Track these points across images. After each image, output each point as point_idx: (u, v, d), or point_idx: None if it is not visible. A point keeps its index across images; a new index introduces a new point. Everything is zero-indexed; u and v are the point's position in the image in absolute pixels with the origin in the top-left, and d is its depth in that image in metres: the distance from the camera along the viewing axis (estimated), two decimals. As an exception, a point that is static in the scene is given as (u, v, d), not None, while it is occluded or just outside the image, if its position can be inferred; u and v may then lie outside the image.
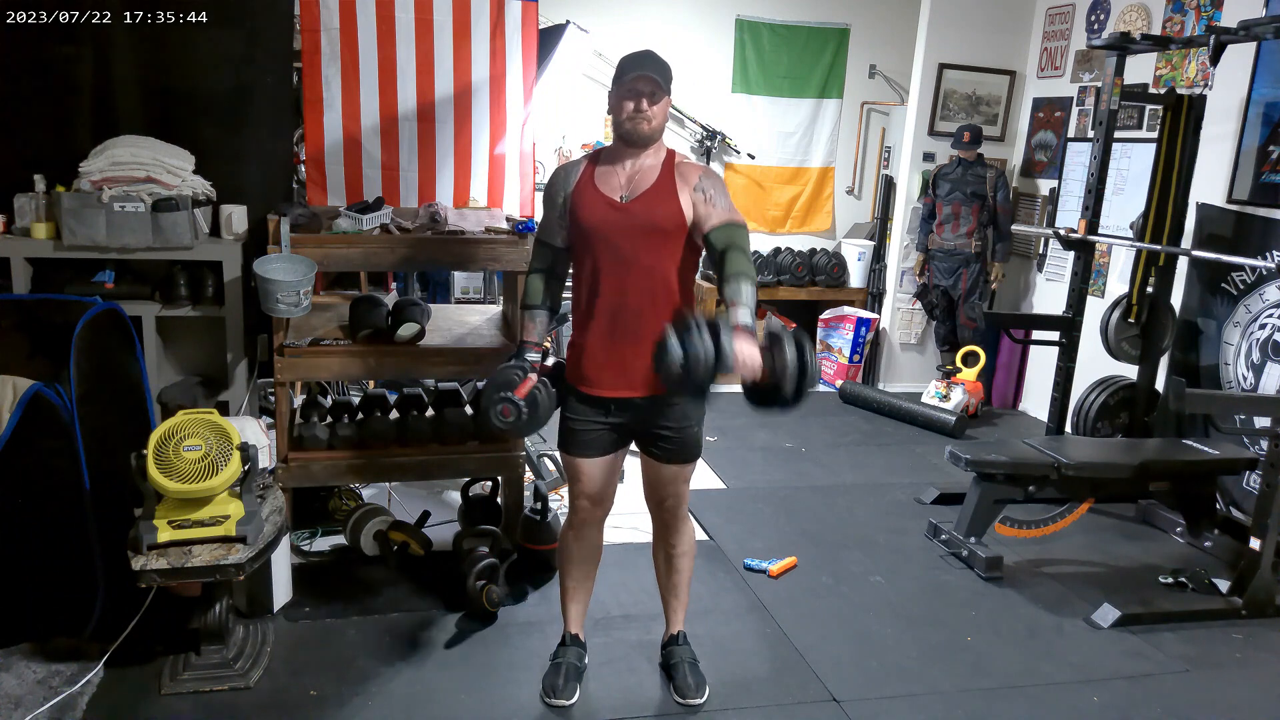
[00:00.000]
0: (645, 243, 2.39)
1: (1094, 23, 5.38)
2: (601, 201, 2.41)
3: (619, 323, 2.42)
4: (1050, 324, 4.72)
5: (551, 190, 2.51)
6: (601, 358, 2.45)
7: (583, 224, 2.42)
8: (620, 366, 2.44)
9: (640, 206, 2.39)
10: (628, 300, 2.40)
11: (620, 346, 2.43)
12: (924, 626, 3.19)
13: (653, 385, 2.40)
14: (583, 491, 2.58)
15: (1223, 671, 3.03)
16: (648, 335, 2.33)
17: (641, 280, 2.40)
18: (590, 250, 2.44)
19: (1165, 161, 4.23)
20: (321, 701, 2.60)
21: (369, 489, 3.93)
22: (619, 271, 2.40)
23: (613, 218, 2.39)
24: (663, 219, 2.39)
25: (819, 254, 6.54)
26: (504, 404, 2.38)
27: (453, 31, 3.77)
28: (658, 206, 2.39)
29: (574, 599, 2.74)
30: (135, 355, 3.12)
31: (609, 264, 2.41)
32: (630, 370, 2.43)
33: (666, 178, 2.41)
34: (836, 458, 4.90)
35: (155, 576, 2.46)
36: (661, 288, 2.43)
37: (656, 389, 2.41)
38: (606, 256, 2.41)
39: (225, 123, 3.56)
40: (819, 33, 6.44)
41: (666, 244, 2.41)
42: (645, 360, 2.26)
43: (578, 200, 2.44)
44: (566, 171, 2.50)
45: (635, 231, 2.39)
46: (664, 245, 2.41)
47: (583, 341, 2.49)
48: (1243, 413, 4.06)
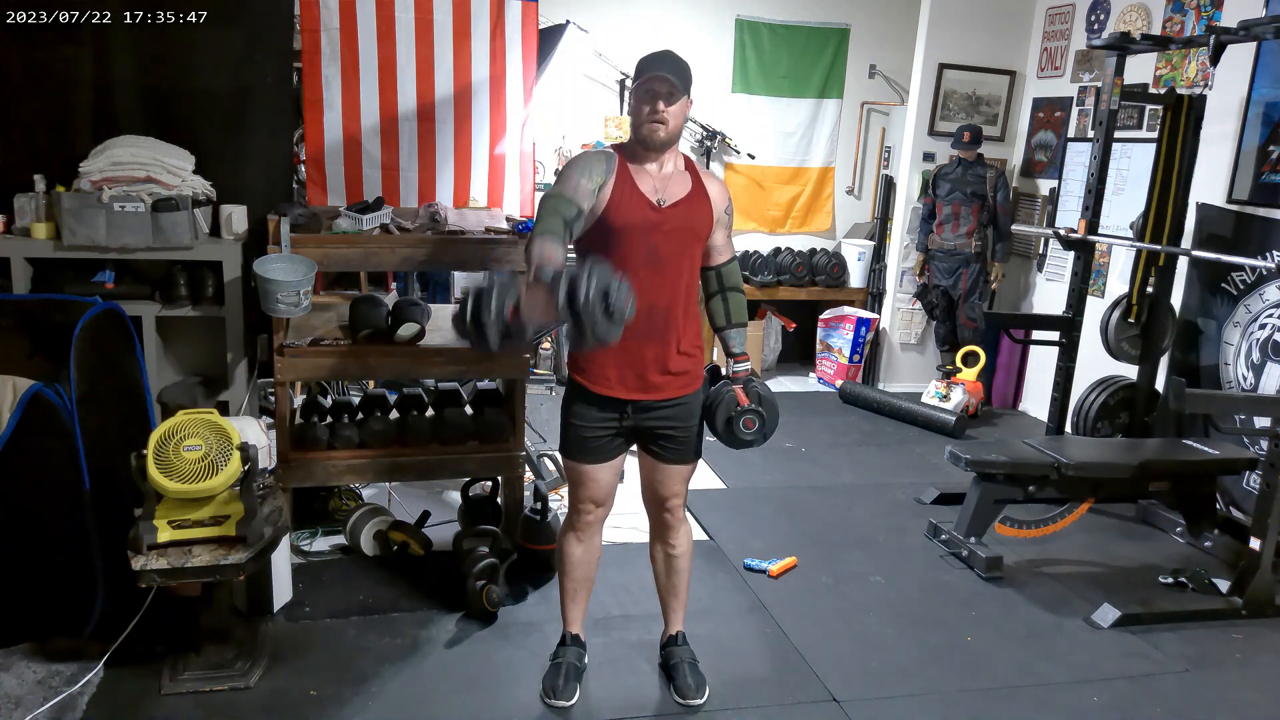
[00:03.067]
0: (681, 247, 2.43)
1: (1094, 23, 5.38)
2: (642, 202, 2.39)
3: (645, 323, 2.38)
4: (1050, 324, 4.72)
5: (590, 165, 2.37)
6: (622, 358, 2.43)
7: (621, 221, 2.37)
8: (638, 368, 2.44)
9: (680, 212, 2.41)
10: (656, 301, 2.40)
11: (643, 347, 2.42)
12: (924, 626, 3.19)
13: (666, 389, 2.44)
14: (590, 496, 2.57)
15: (1223, 671, 3.03)
16: (667, 337, 2.43)
17: (671, 282, 2.42)
18: (620, 249, 2.38)
19: (1165, 161, 4.23)
20: (321, 701, 2.60)
21: (369, 489, 3.93)
22: (651, 273, 2.39)
23: (653, 219, 2.39)
24: (700, 228, 2.46)
25: (819, 254, 6.54)
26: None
27: (453, 31, 3.77)
28: (696, 214, 2.44)
29: (574, 599, 2.74)
30: (135, 355, 3.11)
31: (641, 264, 2.37)
32: (647, 372, 2.44)
33: (698, 188, 2.46)
34: (836, 458, 4.90)
35: (155, 576, 2.46)
36: (685, 290, 2.47)
37: (669, 392, 2.45)
38: (640, 257, 2.38)
39: (225, 123, 3.56)
40: (819, 33, 6.44)
41: (696, 249, 2.49)
42: (662, 363, 2.41)
43: (619, 195, 2.38)
44: (606, 159, 2.41)
45: (674, 235, 2.41)
46: (695, 250, 2.49)
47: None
48: (1243, 413, 4.06)
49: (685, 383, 2.50)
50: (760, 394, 2.59)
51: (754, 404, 2.56)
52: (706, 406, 2.61)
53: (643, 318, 2.38)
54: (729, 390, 2.58)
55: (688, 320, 2.48)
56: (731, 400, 2.56)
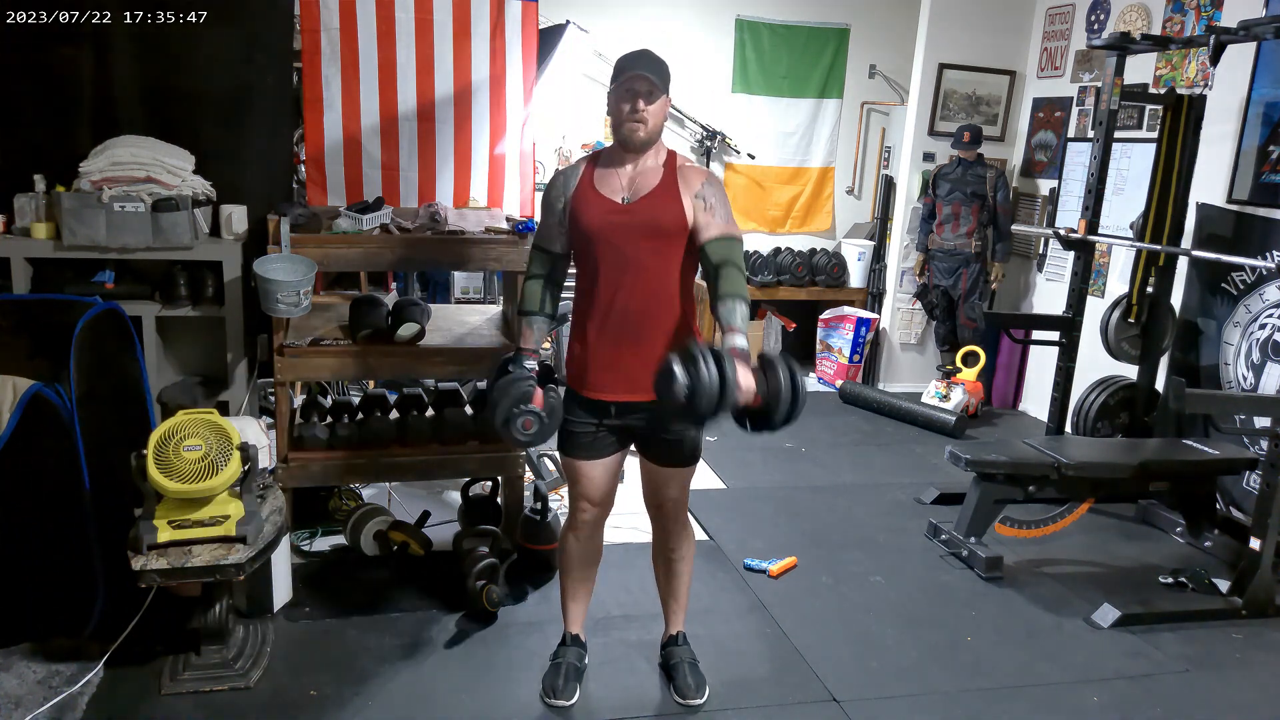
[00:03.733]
0: (647, 245, 2.38)
1: (1094, 23, 5.38)
2: (603, 204, 2.39)
3: (621, 326, 2.40)
4: (1050, 324, 4.72)
5: (550, 196, 2.48)
6: (603, 361, 2.44)
7: (584, 227, 2.40)
8: (622, 370, 2.43)
9: (643, 208, 2.37)
10: (630, 303, 2.39)
11: (621, 350, 2.42)
12: (924, 626, 3.19)
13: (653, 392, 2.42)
14: (583, 494, 2.58)
15: (1223, 671, 3.03)
16: (649, 338, 2.38)
17: (643, 283, 2.39)
18: (591, 253, 2.42)
19: (1165, 161, 4.23)
20: (321, 701, 2.60)
21: (369, 489, 3.93)
22: (621, 274, 2.39)
23: (614, 220, 2.38)
24: (665, 221, 2.37)
25: (819, 254, 6.54)
26: (525, 417, 2.37)
27: (453, 31, 3.77)
28: (660, 208, 2.37)
29: (574, 599, 2.74)
30: (135, 355, 3.12)
31: (610, 267, 2.39)
32: (631, 374, 2.41)
33: (669, 180, 2.39)
34: (836, 458, 4.90)
35: (155, 576, 2.46)
36: (663, 290, 2.42)
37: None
38: (608, 259, 2.39)
39: (225, 123, 3.56)
40: (819, 33, 6.44)
41: (668, 246, 2.40)
42: (647, 364, 2.26)
43: (578, 204, 2.42)
44: (565, 176, 2.48)
45: (637, 233, 2.37)
46: (666, 247, 2.40)
47: (583, 345, 2.47)
48: (1243, 413, 4.06)
49: None
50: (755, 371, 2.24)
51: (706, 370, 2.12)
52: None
53: (616, 320, 2.39)
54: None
55: (671, 318, 2.44)
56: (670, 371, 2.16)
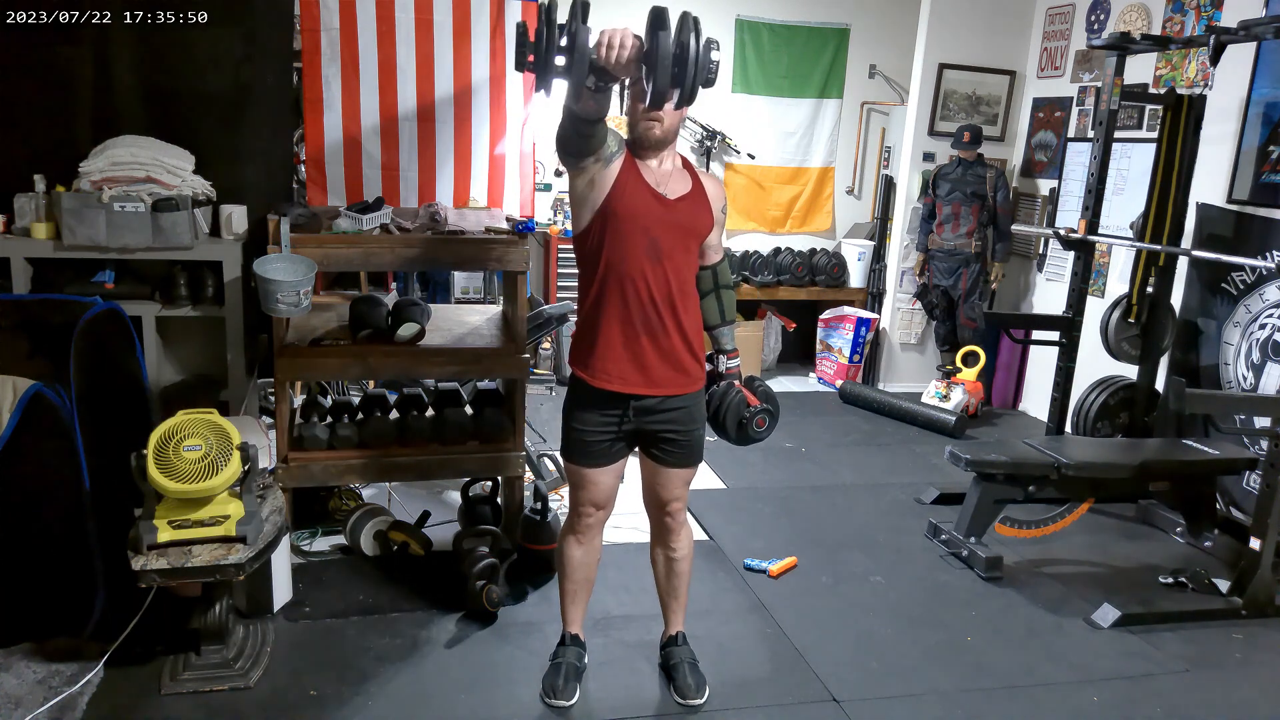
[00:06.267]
0: (682, 241, 2.44)
1: (1094, 23, 5.38)
2: (647, 193, 2.39)
3: (645, 316, 2.40)
4: (1050, 324, 4.72)
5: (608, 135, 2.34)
6: (621, 352, 2.42)
7: (625, 209, 2.36)
8: (640, 362, 2.42)
9: (683, 208, 2.43)
10: (655, 294, 2.40)
11: (642, 341, 2.41)
12: (924, 626, 3.19)
13: (669, 385, 2.45)
14: (590, 499, 2.57)
15: (1223, 671, 3.03)
16: (669, 330, 2.43)
17: (672, 276, 2.42)
18: (622, 239, 2.37)
19: (1165, 161, 4.23)
20: (321, 701, 2.60)
21: (369, 489, 3.93)
22: (652, 265, 2.38)
23: (658, 211, 2.39)
24: (700, 225, 2.48)
25: (819, 254, 6.54)
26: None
27: (453, 31, 3.77)
28: (698, 211, 2.46)
29: (574, 600, 2.74)
30: (135, 355, 3.12)
31: (642, 256, 2.37)
32: (649, 366, 2.42)
33: (699, 187, 2.48)
34: (836, 458, 4.90)
35: (155, 576, 2.46)
36: (685, 285, 2.48)
37: (672, 389, 2.46)
38: (641, 249, 2.37)
39: (225, 123, 3.57)
40: (819, 33, 6.44)
41: (695, 246, 2.50)
42: (666, 357, 2.41)
43: (624, 182, 2.37)
44: (619, 139, 2.40)
45: (677, 229, 2.42)
46: (694, 247, 2.50)
47: (600, 334, 2.43)
48: (1243, 413, 4.06)
49: (688, 381, 2.49)
50: (766, 391, 2.68)
51: (764, 403, 2.64)
52: (712, 409, 2.65)
53: (641, 310, 2.40)
54: (735, 392, 2.64)
55: (689, 315, 2.47)
56: (741, 402, 2.62)
